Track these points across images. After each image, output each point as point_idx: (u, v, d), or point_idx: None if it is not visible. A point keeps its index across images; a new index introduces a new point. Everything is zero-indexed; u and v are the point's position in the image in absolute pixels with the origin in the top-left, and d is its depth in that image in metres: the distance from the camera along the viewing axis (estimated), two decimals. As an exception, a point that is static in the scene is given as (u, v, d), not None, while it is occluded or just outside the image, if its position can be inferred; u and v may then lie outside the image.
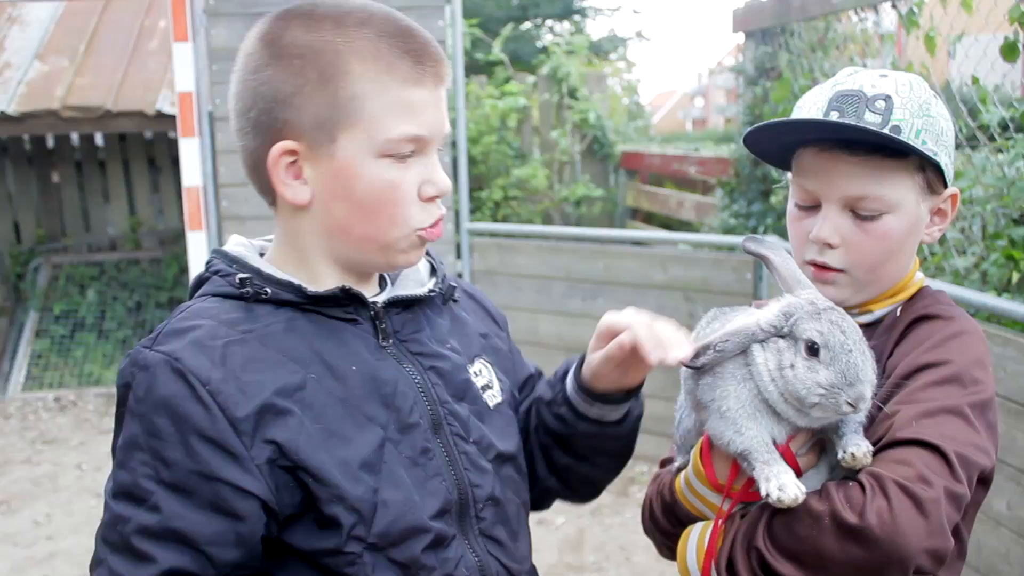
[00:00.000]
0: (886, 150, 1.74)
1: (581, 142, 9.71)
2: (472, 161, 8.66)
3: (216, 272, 1.67)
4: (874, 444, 1.62)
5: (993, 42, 4.20)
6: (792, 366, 1.60)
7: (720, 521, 1.72)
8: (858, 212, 1.78)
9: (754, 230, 6.48)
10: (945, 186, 1.83)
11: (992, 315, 3.93)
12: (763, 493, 1.61)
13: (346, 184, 1.60)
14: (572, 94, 9.62)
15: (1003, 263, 4.10)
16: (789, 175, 1.94)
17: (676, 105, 52.14)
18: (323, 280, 1.67)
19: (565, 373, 1.93)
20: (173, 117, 6.69)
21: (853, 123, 1.72)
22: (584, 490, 2.04)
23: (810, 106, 1.81)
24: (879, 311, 1.85)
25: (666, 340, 1.68)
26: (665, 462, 2.04)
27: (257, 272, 1.64)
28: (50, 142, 10.43)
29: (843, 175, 1.77)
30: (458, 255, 7.43)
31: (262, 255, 1.74)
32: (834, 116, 1.74)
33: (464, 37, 8.70)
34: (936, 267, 4.55)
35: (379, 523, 1.56)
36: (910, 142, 1.72)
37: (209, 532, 1.49)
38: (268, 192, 1.67)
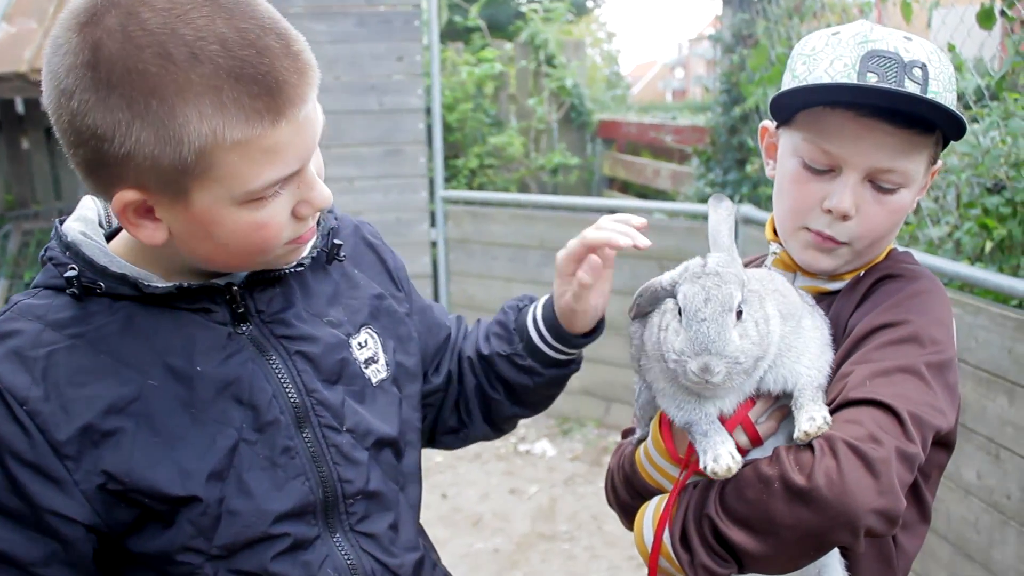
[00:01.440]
0: (922, 123, 1.67)
1: (558, 110, 9.64)
2: (448, 128, 8.60)
3: (50, 259, 1.50)
4: (829, 404, 1.59)
5: (970, 11, 4.16)
6: (667, 328, 1.59)
7: (675, 493, 1.69)
8: (878, 184, 1.70)
9: (730, 199, 6.44)
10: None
11: (965, 284, 3.92)
12: (700, 465, 1.60)
13: (207, 229, 1.41)
14: (550, 61, 9.55)
15: (976, 232, 4.09)
16: (772, 124, 1.85)
17: (656, 76, 52.02)
18: (178, 272, 1.53)
19: (515, 323, 1.92)
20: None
21: (924, 97, 1.62)
22: (507, 429, 2.07)
23: (833, 60, 1.68)
24: (849, 279, 1.80)
25: (620, 228, 1.76)
26: (627, 432, 2.01)
27: (90, 264, 1.47)
28: (19, 107, 10.27)
29: (877, 145, 1.67)
30: (432, 223, 7.39)
31: (120, 227, 1.58)
32: (872, 79, 1.64)
33: (440, 3, 8.61)
34: (910, 236, 4.53)
35: (223, 534, 1.48)
36: (964, 121, 1.65)
37: (36, 554, 1.42)
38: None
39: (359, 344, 1.69)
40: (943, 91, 1.66)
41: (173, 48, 1.27)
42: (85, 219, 1.55)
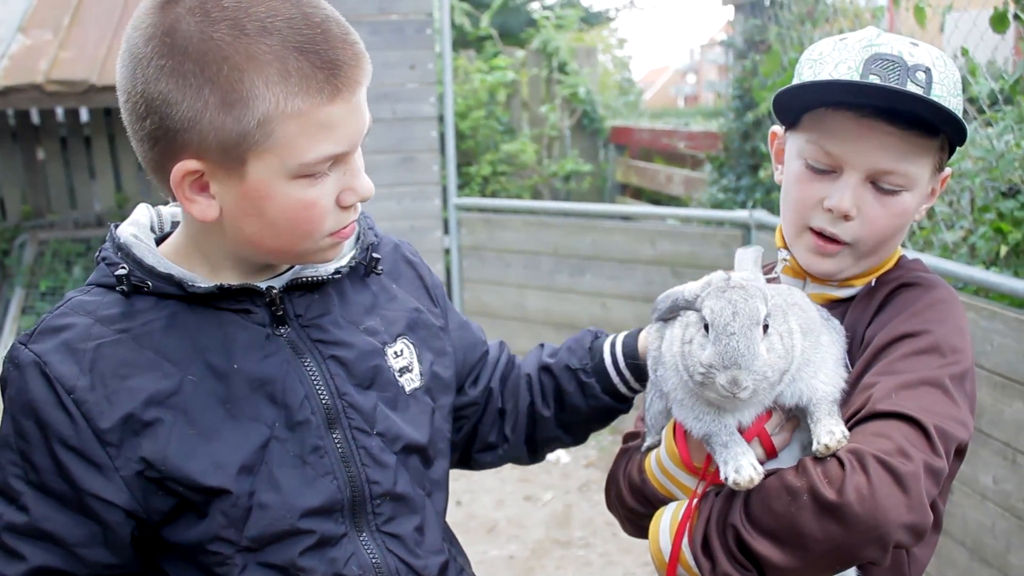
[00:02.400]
0: (924, 126, 1.67)
1: (570, 117, 9.65)
2: (460, 136, 8.62)
3: (103, 259, 1.60)
4: (853, 415, 1.59)
5: (984, 15, 4.15)
6: (691, 341, 1.59)
7: (695, 501, 1.69)
8: (880, 185, 1.71)
9: (742, 205, 6.45)
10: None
11: (980, 289, 3.91)
12: (721, 476, 1.60)
13: (257, 205, 1.50)
14: (562, 68, 9.56)
15: (991, 236, 4.08)
16: (781, 129, 1.87)
17: (668, 82, 51.97)
18: (223, 272, 1.61)
19: (592, 344, 1.96)
20: (158, 91, 6.60)
21: (923, 95, 1.63)
22: (540, 458, 2.09)
23: (838, 63, 1.70)
24: (860, 286, 1.81)
25: None
26: (629, 437, 2.01)
27: (139, 264, 1.56)
28: (35, 118, 10.33)
29: (878, 145, 1.68)
30: (446, 230, 7.40)
31: (170, 232, 1.68)
32: (874, 81, 1.65)
33: (453, 11, 8.63)
34: (925, 241, 4.52)
35: (253, 526, 1.54)
36: (965, 125, 1.65)
37: (78, 534, 1.51)
38: (170, 192, 1.55)
39: (395, 353, 1.75)
40: (947, 95, 1.67)
41: (246, 21, 1.40)
42: (138, 223, 1.65)
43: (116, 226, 1.63)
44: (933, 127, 1.68)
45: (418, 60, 7.12)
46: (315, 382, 1.61)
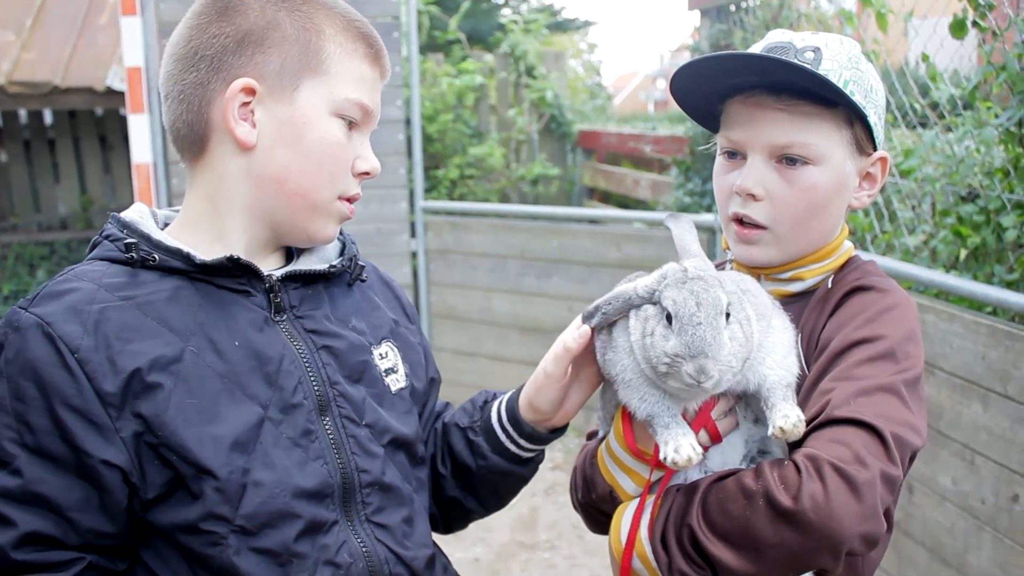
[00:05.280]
0: (813, 98, 1.72)
1: (538, 121, 9.67)
2: (428, 139, 8.61)
3: (107, 236, 1.64)
4: (810, 421, 1.60)
5: (943, 23, 4.20)
6: (652, 333, 1.59)
7: (645, 492, 1.71)
8: (783, 162, 1.75)
9: (708, 208, 6.48)
10: (875, 148, 1.80)
11: (940, 292, 3.96)
12: (661, 456, 1.61)
13: (298, 132, 1.63)
14: (530, 72, 9.57)
15: (951, 240, 4.12)
16: (717, 138, 1.91)
17: (638, 87, 52.14)
18: (230, 239, 1.67)
19: (484, 403, 1.94)
20: (123, 94, 6.56)
21: (779, 57, 1.69)
22: (456, 524, 2.07)
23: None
24: (811, 280, 1.83)
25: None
26: (591, 435, 2.02)
27: (146, 238, 1.62)
28: (-2, 120, 10.22)
29: (769, 122, 1.74)
30: (412, 233, 7.38)
31: (166, 225, 1.74)
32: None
33: (420, 15, 8.61)
34: (887, 244, 4.57)
35: (248, 503, 1.54)
36: (839, 87, 1.68)
37: (72, 498, 1.49)
38: (199, 142, 1.66)
39: (380, 355, 1.81)
40: (838, 68, 1.71)
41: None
42: (140, 211, 1.72)
43: (115, 213, 1.69)
44: (823, 99, 1.72)
45: (385, 63, 7.09)
46: (308, 368, 1.66)
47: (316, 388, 1.66)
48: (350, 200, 1.73)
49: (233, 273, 1.63)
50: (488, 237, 7.11)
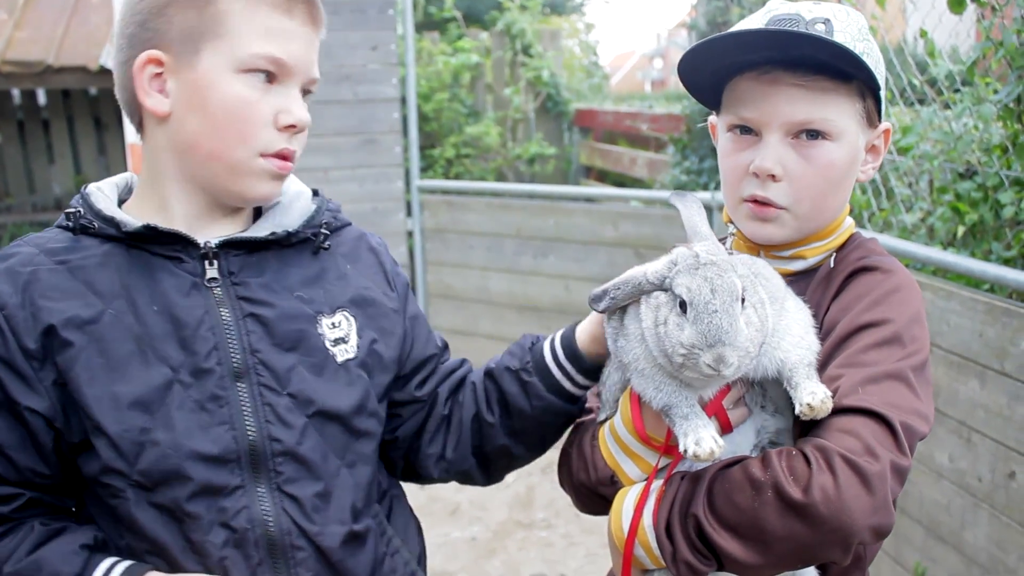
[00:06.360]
0: (829, 72, 1.67)
1: (535, 100, 9.63)
2: (424, 118, 8.57)
3: (68, 207, 1.76)
4: None
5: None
6: (665, 322, 1.55)
7: (651, 478, 1.67)
8: (801, 137, 1.70)
9: (705, 187, 6.46)
10: (880, 120, 1.78)
11: (938, 269, 3.94)
12: (680, 448, 1.57)
13: (202, 96, 1.66)
14: (526, 51, 9.53)
15: (949, 217, 4.11)
16: (712, 116, 1.87)
17: (635, 66, 51.97)
18: (171, 208, 1.73)
19: (532, 345, 1.92)
20: (115, 72, 6.50)
21: (803, 31, 1.63)
22: (497, 475, 2.07)
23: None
24: (812, 258, 1.80)
25: None
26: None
27: (91, 208, 1.72)
28: (-9, 100, 10.17)
29: (785, 98, 1.68)
30: (408, 212, 7.37)
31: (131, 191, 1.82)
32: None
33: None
34: (884, 222, 4.55)
35: (143, 460, 1.62)
36: (863, 60, 1.64)
37: (9, 438, 1.63)
38: (134, 113, 1.74)
39: (331, 324, 1.81)
40: (851, 41, 1.66)
41: None
42: (111, 182, 1.82)
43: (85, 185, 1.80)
44: (840, 72, 1.67)
45: (380, 41, 7.06)
46: (228, 335, 1.69)
47: (234, 355, 1.69)
48: (281, 156, 1.72)
49: (164, 240, 1.69)
50: (484, 216, 7.09)
